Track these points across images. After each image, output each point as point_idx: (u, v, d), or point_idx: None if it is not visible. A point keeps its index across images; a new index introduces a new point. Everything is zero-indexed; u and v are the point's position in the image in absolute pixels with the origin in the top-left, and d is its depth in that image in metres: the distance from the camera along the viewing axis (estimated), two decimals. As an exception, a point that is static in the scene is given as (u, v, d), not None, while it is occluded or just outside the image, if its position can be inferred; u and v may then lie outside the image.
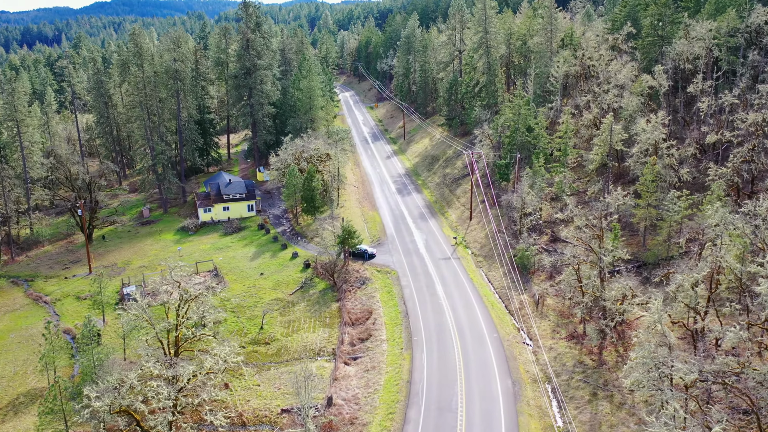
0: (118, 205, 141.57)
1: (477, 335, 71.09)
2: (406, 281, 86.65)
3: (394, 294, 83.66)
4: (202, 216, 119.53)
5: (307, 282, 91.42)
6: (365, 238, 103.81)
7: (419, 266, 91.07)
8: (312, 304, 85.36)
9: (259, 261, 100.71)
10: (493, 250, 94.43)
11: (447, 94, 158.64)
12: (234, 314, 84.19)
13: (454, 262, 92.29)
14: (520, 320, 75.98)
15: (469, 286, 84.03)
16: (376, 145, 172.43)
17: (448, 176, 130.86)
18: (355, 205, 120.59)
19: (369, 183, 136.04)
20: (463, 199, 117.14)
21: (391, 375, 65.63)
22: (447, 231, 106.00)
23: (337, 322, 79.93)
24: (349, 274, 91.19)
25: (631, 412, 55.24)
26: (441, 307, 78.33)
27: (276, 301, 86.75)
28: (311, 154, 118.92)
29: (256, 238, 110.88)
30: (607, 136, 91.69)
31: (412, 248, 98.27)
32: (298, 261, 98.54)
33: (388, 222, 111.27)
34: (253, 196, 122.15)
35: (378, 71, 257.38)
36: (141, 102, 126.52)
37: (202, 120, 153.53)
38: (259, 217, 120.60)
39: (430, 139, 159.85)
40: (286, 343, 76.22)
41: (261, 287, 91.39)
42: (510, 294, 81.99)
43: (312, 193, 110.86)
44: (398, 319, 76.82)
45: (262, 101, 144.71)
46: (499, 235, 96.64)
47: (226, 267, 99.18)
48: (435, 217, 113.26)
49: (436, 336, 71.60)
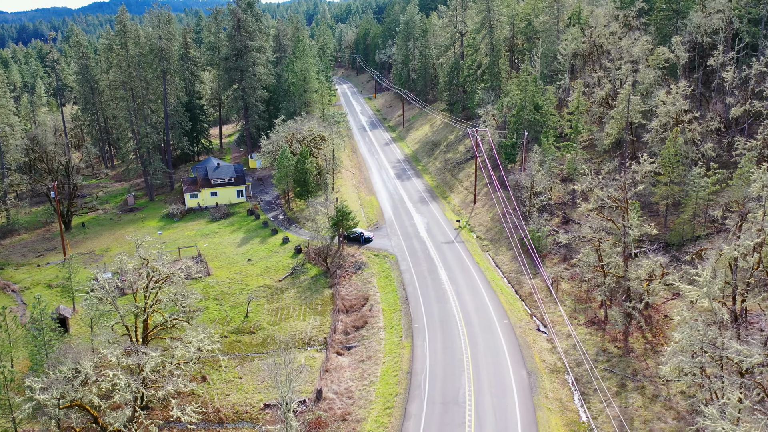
0: (103, 193, 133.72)
1: (485, 322, 63.14)
2: (406, 265, 78.71)
3: (393, 279, 75.73)
4: (188, 202, 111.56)
5: (298, 268, 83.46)
6: (362, 222, 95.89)
7: (420, 250, 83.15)
8: (303, 290, 77.39)
9: (247, 247, 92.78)
10: (501, 234, 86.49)
11: (448, 78, 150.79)
12: (217, 302, 76.23)
13: (458, 245, 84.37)
14: (533, 306, 68.03)
15: (475, 270, 76.10)
16: (374, 132, 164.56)
17: (450, 161, 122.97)
18: (351, 191, 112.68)
19: (366, 169, 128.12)
20: (466, 183, 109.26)
21: (389, 365, 57.65)
22: (449, 215, 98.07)
23: (329, 310, 71.97)
24: (344, 259, 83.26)
25: (667, 405, 47.28)
26: (444, 292, 70.40)
27: (263, 288, 78.81)
28: (304, 136, 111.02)
29: (245, 223, 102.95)
30: (624, 108, 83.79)
31: (412, 232, 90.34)
32: (289, 247, 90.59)
33: (387, 206, 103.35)
34: (243, 181, 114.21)
35: (376, 62, 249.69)
36: (125, 82, 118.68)
37: (192, 105, 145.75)
38: (249, 203, 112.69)
39: (431, 126, 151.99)
40: (273, 332, 68.23)
41: (248, 274, 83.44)
42: (520, 278, 74.05)
43: (305, 176, 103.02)
44: (397, 306, 68.86)
45: (254, 84, 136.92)
46: (507, 218, 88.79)
47: (211, 253, 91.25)
48: (436, 201, 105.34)
49: (440, 323, 63.64)
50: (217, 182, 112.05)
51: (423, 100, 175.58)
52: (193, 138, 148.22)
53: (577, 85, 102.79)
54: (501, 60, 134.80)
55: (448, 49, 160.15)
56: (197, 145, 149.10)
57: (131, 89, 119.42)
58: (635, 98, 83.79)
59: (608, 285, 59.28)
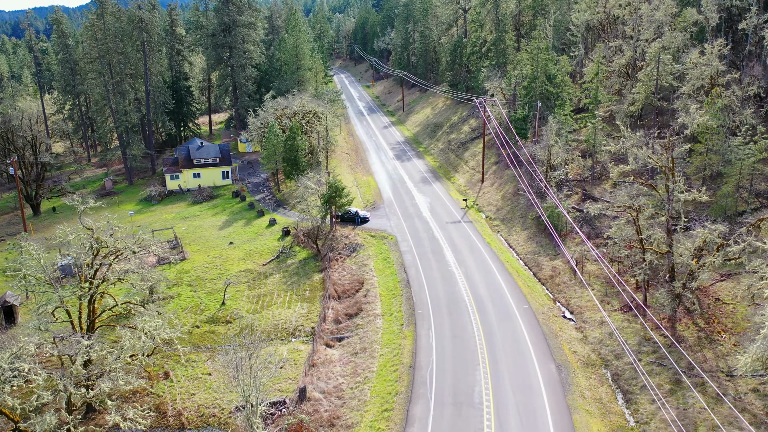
0: (81, 179, 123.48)
1: (502, 308, 52.93)
2: (407, 246, 68.46)
3: (392, 261, 65.49)
4: (168, 184, 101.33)
5: (285, 251, 73.25)
6: (357, 203, 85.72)
7: (423, 230, 72.91)
8: (289, 275, 67.17)
9: (229, 230, 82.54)
10: (513, 213, 76.30)
11: (451, 57, 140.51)
12: (191, 288, 65.99)
13: (466, 225, 74.14)
14: (556, 290, 57.81)
15: (486, 251, 65.88)
16: (372, 117, 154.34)
17: (454, 141, 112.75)
18: (347, 171, 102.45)
19: (363, 150, 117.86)
20: (472, 163, 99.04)
21: (388, 359, 47.41)
22: (455, 195, 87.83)
23: (319, 296, 61.75)
24: (337, 241, 73.04)
25: (739, 406, 37.06)
26: (452, 274, 60.17)
27: (245, 273, 68.59)
28: (295, 111, 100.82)
29: (229, 206, 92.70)
30: (653, 69, 73.62)
31: (414, 212, 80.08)
32: (276, 229, 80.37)
33: (385, 186, 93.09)
34: (229, 161, 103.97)
35: (375, 51, 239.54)
36: (101, 56, 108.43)
37: (179, 86, 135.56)
38: (235, 185, 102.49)
39: (432, 108, 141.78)
40: (253, 322, 57.99)
41: (228, 258, 73.21)
42: (539, 260, 63.84)
43: (295, 154, 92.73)
44: (397, 290, 58.64)
45: (244, 63, 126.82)
46: (520, 196, 78.62)
47: (189, 237, 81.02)
48: (440, 181, 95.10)
49: (447, 309, 53.43)
50: (200, 163, 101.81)
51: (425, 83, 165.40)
52: (180, 121, 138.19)
53: (595, 54, 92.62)
54: (508, 35, 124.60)
55: (450, 27, 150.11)
56: (184, 129, 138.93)
57: (109, 63, 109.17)
58: (667, 56, 73.55)
59: (649, 263, 49.08)
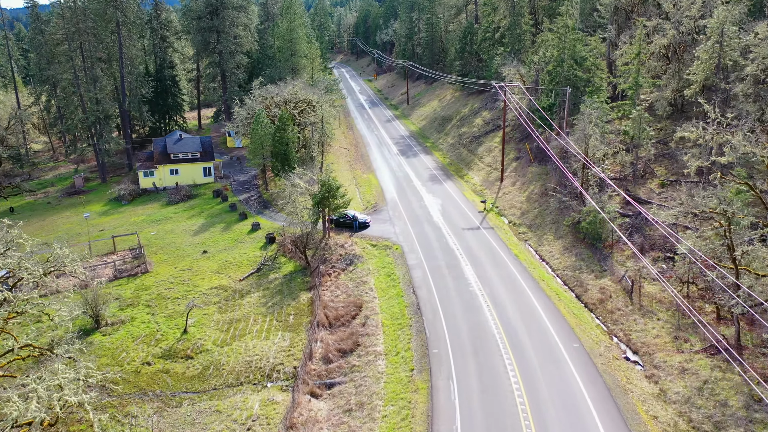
0: (53, 176, 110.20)
1: (544, 346, 39.47)
2: (416, 259, 54.98)
3: (397, 278, 52.00)
4: (141, 181, 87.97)
5: (268, 262, 59.89)
6: (356, 204, 72.39)
7: (434, 238, 59.43)
8: (271, 294, 53.79)
9: (205, 235, 69.17)
10: (542, 217, 62.82)
11: (460, 45, 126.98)
12: (149, 310, 52.62)
13: (486, 232, 60.63)
14: (609, 319, 44.30)
15: (514, 265, 52.38)
16: (373, 110, 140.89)
17: (465, 135, 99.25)
18: (345, 168, 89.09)
19: (364, 145, 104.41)
20: (487, 159, 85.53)
21: (393, 423, 33.92)
22: (470, 195, 74.33)
23: (305, 323, 48.37)
24: (330, 251, 59.63)
25: None
26: (474, 297, 46.68)
27: (217, 291, 55.23)
28: (286, 99, 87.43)
29: (208, 207, 79.30)
30: (715, 44, 60.07)
31: (423, 215, 66.62)
32: (259, 235, 67.03)
33: (389, 185, 79.62)
34: (211, 156, 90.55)
35: (377, 44, 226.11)
36: (69, 36, 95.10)
37: (163, 75, 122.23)
38: (219, 183, 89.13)
39: (440, 101, 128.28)
40: (220, 357, 44.62)
41: (199, 271, 59.87)
42: (581, 278, 50.30)
43: (285, 147, 79.33)
44: (404, 318, 45.17)
45: (233, 48, 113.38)
46: (549, 197, 65.20)
47: (157, 243, 67.69)
48: (451, 179, 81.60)
49: (472, 347, 39.98)
50: (177, 157, 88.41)
51: (429, 76, 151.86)
52: (165, 114, 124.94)
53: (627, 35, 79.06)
54: (524, 19, 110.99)
55: (460, 13, 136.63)
56: (170, 123, 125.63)
57: (80, 45, 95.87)
58: (732, 29, 59.98)
59: (746, 289, 35.58)
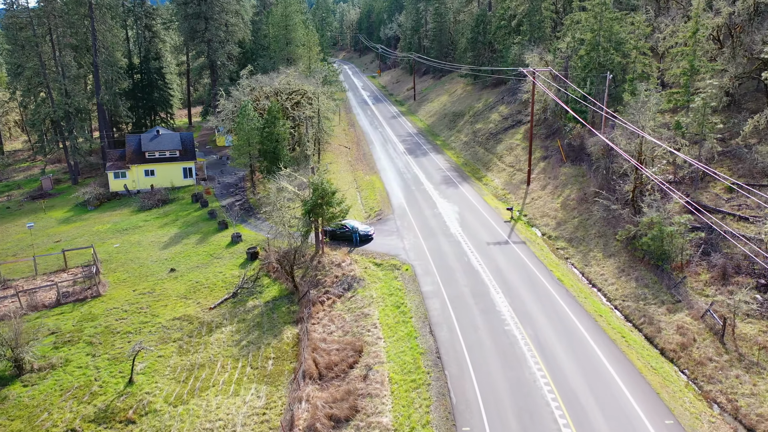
0: (24, 177, 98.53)
1: (623, 423, 27.35)
2: (432, 284, 42.86)
3: (408, 311, 39.87)
4: (111, 183, 76.14)
5: (246, 284, 47.97)
6: (356, 211, 60.47)
7: (453, 256, 47.32)
8: (247, 329, 41.84)
9: (176, 248, 57.29)
10: (585, 229, 50.65)
11: (472, 34, 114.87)
12: (90, 349, 40.75)
13: (517, 248, 48.47)
14: (700, 375, 32.09)
15: (558, 293, 40.22)
16: (377, 107, 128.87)
17: (481, 132, 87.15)
18: (345, 169, 77.15)
19: (366, 143, 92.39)
20: (508, 158, 73.45)
21: None
22: (491, 201, 62.21)
23: (288, 372, 36.40)
24: (324, 271, 47.60)
25: None
26: (513, 342, 34.52)
27: (180, 323, 43.32)
28: (277, 89, 75.57)
29: (184, 214, 67.42)
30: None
31: (437, 226, 54.48)
32: (240, 248, 55.10)
33: (395, 189, 67.54)
34: (193, 155, 78.64)
35: (381, 39, 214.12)
36: (34, 18, 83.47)
37: (147, 68, 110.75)
38: (201, 185, 77.26)
39: (450, 95, 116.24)
40: (171, 423, 32.67)
41: (163, 294, 47.99)
42: (649, 312, 38.11)
43: (275, 145, 67.51)
44: (419, 372, 33.04)
45: (222, 37, 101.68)
46: (590, 204, 53.11)
47: (118, 259, 55.86)
48: (468, 182, 69.48)
49: (518, 423, 27.90)
50: (153, 156, 76.57)
51: (437, 70, 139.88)
52: (150, 109, 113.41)
53: (695, 9, 66.96)
54: (544, 4, 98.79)
55: (471, 1, 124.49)
56: (154, 119, 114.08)
57: (49, 30, 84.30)
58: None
59: None
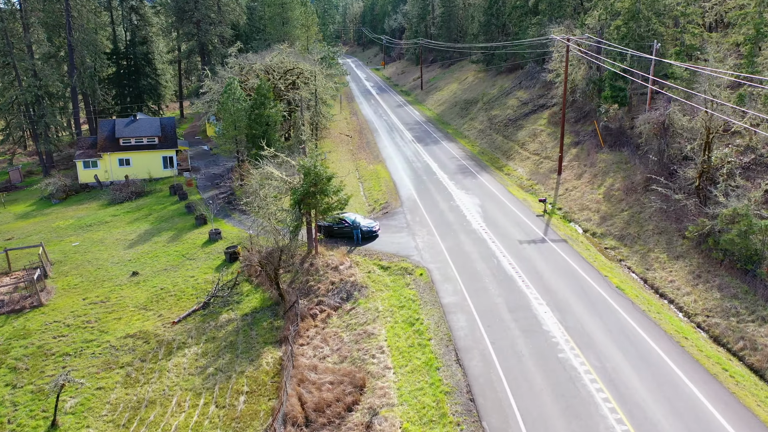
0: None
1: None
2: (454, 294, 32.99)
3: (425, 329, 30.00)
4: (81, 174, 66.62)
5: (220, 292, 38.35)
6: (357, 203, 50.83)
7: (479, 257, 37.50)
8: (216, 350, 32.19)
9: (144, 247, 47.70)
10: (638, 225, 40.77)
11: (485, 17, 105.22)
12: (12, 377, 31.16)
13: (557, 248, 38.66)
14: None
15: (622, 306, 30.33)
16: (382, 96, 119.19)
17: (498, 119, 77.36)
18: (346, 158, 67.47)
19: (370, 131, 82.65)
20: (532, 146, 63.64)
21: None
22: (516, 192, 52.40)
23: (265, 413, 26.73)
24: (317, 276, 37.86)
25: None
26: (574, 378, 24.65)
27: (135, 342, 33.72)
28: (269, 66, 66.03)
29: (159, 208, 57.82)
30: None
31: (456, 221, 44.68)
32: (218, 248, 45.48)
33: (403, 178, 57.71)
34: (174, 142, 69.07)
35: (385, 31, 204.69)
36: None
37: (134, 53, 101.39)
38: (183, 177, 67.68)
39: (460, 83, 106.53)
40: (97, 490, 23.03)
41: (119, 304, 38.41)
42: (747, 332, 28.23)
43: (264, 129, 57.94)
44: (445, 420, 23.06)
45: (212, 15, 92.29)
46: (639, 194, 43.32)
47: (75, 260, 46.32)
48: (487, 171, 59.67)
49: None
50: (129, 143, 67.02)
51: (446, 58, 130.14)
52: (137, 98, 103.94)
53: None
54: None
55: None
56: (140, 108, 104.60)
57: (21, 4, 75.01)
58: None
59: None
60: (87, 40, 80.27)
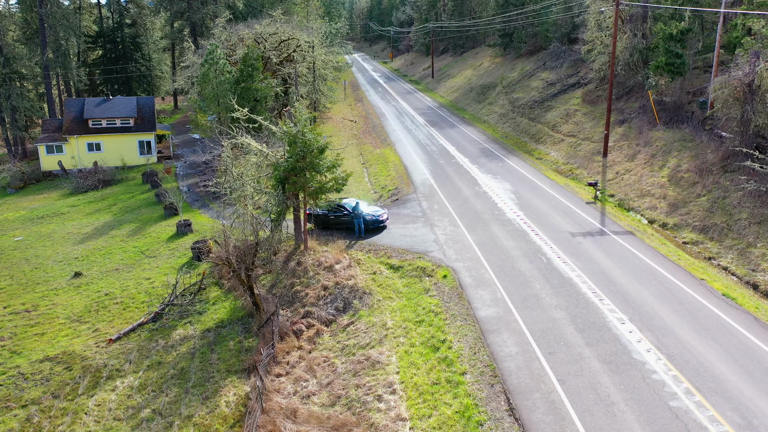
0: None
1: None
2: (494, 304, 23.50)
3: (455, 356, 20.52)
4: (43, 161, 57.36)
5: (179, 300, 28.91)
6: (361, 188, 41.36)
7: (520, 253, 27.93)
8: (159, 382, 22.67)
9: (98, 243, 38.36)
10: (726, 214, 30.95)
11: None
12: None
13: (624, 242, 29.01)
14: None
15: (740, 323, 20.74)
16: (390, 84, 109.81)
17: (521, 102, 67.68)
18: (349, 142, 57.92)
19: (377, 116, 73.06)
20: (566, 127, 53.88)
21: None
22: (553, 176, 42.70)
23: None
24: (307, 278, 28.33)
25: None
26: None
27: (52, 368, 24.24)
28: (259, 35, 56.76)
29: (126, 197, 48.53)
30: None
31: (485, 209, 35.05)
32: (185, 243, 36.03)
33: (416, 162, 48.03)
34: (152, 125, 59.76)
35: (393, 24, 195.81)
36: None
37: (122, 36, 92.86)
38: (163, 164, 58.34)
39: (475, 69, 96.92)
40: None
41: (48, 314, 29.02)
42: None
43: (252, 103, 48.69)
44: None
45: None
46: (717, 176, 33.57)
47: (11, 258, 37.04)
48: (515, 155, 49.93)
49: None
50: (99, 125, 57.80)
51: (458, 45, 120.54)
52: (125, 84, 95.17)
53: None
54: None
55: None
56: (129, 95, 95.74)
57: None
58: None
59: None
60: (61, 14, 71.26)
